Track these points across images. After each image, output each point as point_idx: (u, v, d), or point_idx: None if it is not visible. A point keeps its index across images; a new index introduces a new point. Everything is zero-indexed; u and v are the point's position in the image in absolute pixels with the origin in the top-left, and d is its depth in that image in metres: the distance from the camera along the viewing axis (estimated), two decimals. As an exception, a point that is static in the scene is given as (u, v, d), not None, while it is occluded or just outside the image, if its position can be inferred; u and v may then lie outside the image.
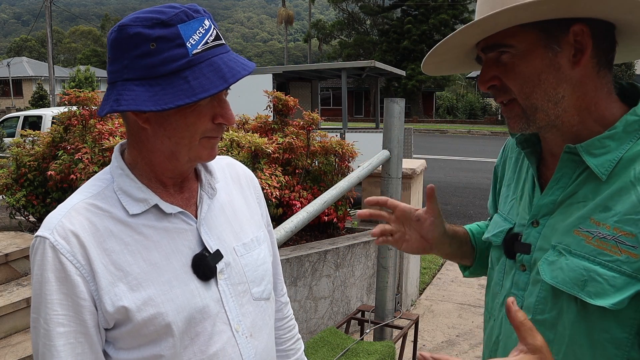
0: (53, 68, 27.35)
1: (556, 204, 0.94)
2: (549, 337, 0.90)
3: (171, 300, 0.91)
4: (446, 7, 33.17)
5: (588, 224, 0.87)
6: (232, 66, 0.88)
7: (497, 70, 0.92)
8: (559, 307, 0.89)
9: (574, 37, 0.86)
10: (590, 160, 0.88)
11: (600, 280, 0.83)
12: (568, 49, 0.86)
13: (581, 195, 0.90)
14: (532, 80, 0.88)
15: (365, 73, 10.19)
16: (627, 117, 0.87)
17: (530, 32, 0.87)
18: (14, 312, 3.17)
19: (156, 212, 0.95)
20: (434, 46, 0.96)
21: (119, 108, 0.85)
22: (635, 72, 21.96)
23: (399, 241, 1.15)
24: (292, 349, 1.27)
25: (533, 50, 0.87)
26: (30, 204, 4.58)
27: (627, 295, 0.80)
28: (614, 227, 0.83)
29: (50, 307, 0.85)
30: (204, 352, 0.94)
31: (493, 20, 0.84)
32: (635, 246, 0.80)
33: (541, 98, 0.89)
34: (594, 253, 0.85)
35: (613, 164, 0.86)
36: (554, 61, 0.87)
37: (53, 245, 0.86)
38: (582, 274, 0.85)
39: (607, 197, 0.86)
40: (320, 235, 4.52)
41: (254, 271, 1.04)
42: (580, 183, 0.90)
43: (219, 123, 0.93)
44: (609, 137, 0.87)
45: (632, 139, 0.87)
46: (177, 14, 0.85)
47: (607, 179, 0.86)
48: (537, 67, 0.87)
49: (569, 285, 0.86)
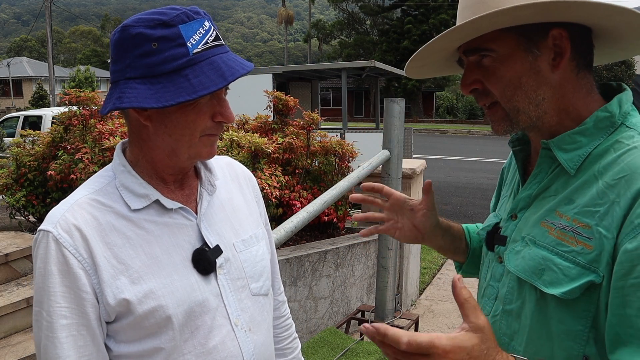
0: (53, 68, 27.37)
1: (532, 197, 0.97)
2: (515, 328, 0.94)
3: (172, 293, 0.93)
4: (446, 7, 33.18)
5: (553, 216, 0.90)
6: (231, 65, 0.90)
7: (478, 74, 0.94)
8: (523, 297, 0.93)
9: (552, 41, 0.88)
10: (561, 155, 0.90)
11: (556, 269, 0.85)
12: (547, 52, 0.89)
13: (553, 189, 0.93)
14: (513, 84, 0.90)
15: (365, 73, 10.20)
16: (598, 114, 0.89)
17: (511, 36, 0.89)
18: (14, 312, 3.18)
19: (157, 207, 0.97)
20: (416, 51, 0.99)
21: (122, 105, 0.87)
22: (635, 72, 21.98)
23: (391, 229, 1.18)
24: (289, 347, 1.28)
25: (513, 54, 0.89)
26: (30, 204, 4.58)
27: (578, 285, 0.82)
28: (573, 218, 0.86)
29: (53, 299, 0.87)
30: (204, 345, 0.96)
31: (473, 25, 0.86)
32: (591, 237, 0.82)
33: (522, 100, 0.91)
34: (553, 243, 0.88)
35: (582, 158, 0.89)
36: (534, 65, 0.89)
37: (56, 239, 0.88)
38: (540, 262, 0.88)
39: (572, 190, 0.89)
40: (320, 235, 4.52)
41: (253, 267, 1.06)
42: (553, 177, 0.93)
43: (219, 121, 0.95)
44: (579, 132, 0.90)
45: (603, 135, 0.89)
46: (179, 15, 0.88)
47: (575, 174, 0.89)
48: (518, 70, 0.89)
49: (527, 274, 0.90)
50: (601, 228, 0.81)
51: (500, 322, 0.98)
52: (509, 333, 0.96)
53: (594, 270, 0.81)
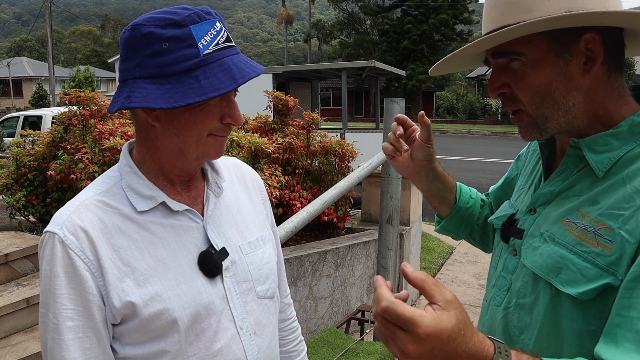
0: (53, 68, 27.35)
1: (554, 194, 0.95)
2: (526, 322, 0.93)
3: (177, 296, 0.92)
4: (446, 7, 33.15)
5: (575, 215, 0.88)
6: (241, 67, 0.89)
7: (507, 77, 0.91)
8: (537, 293, 0.91)
9: (585, 45, 0.85)
10: (591, 155, 0.89)
11: (574, 269, 0.84)
12: (579, 57, 0.86)
13: (577, 188, 0.91)
14: (542, 90, 0.88)
15: (365, 73, 10.19)
16: (634, 118, 0.87)
17: (542, 40, 0.86)
18: (14, 312, 3.18)
19: (163, 209, 0.96)
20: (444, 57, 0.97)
21: (130, 105, 0.86)
22: (635, 72, 21.97)
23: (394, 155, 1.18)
24: (295, 350, 1.27)
25: (544, 59, 0.87)
26: (30, 204, 4.58)
27: (595, 287, 0.81)
28: (596, 219, 0.84)
29: (59, 301, 0.87)
30: (209, 348, 0.95)
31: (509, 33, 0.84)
32: (612, 240, 0.81)
33: (551, 107, 0.89)
34: (573, 243, 0.86)
35: (612, 162, 0.87)
36: (565, 70, 0.86)
37: (62, 241, 0.87)
38: (558, 261, 0.87)
39: (598, 192, 0.87)
40: (320, 235, 4.52)
41: (259, 269, 1.06)
42: (579, 177, 0.92)
43: (227, 123, 0.94)
44: (613, 135, 0.88)
45: (636, 140, 0.86)
46: (190, 15, 0.87)
47: (603, 176, 0.87)
48: (548, 76, 0.87)
49: (544, 271, 0.89)
50: (623, 232, 0.80)
51: (512, 314, 0.97)
52: (519, 326, 0.95)
53: (613, 273, 0.80)
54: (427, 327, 0.61)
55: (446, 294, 0.66)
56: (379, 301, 0.63)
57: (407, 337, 0.62)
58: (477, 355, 0.66)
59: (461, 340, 0.64)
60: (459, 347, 0.64)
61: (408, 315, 0.61)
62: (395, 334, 0.63)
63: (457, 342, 0.64)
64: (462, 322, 0.65)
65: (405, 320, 0.61)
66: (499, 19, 0.89)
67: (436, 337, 0.62)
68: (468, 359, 0.65)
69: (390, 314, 0.62)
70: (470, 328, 0.66)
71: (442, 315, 0.63)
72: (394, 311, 0.62)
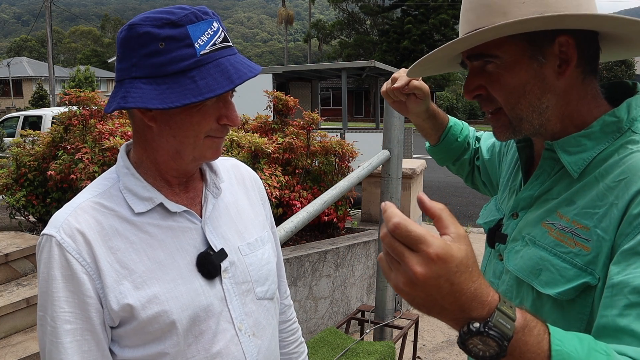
0: (53, 68, 27.36)
1: (533, 198, 0.97)
2: None
3: (176, 298, 0.92)
4: (446, 7, 33.18)
5: (554, 216, 0.89)
6: (238, 68, 0.89)
7: (482, 79, 0.92)
8: (521, 296, 0.93)
9: (559, 48, 0.86)
10: (565, 157, 0.90)
11: (553, 270, 0.85)
12: (553, 60, 0.87)
13: (555, 191, 0.92)
14: (517, 92, 0.89)
15: (365, 73, 10.20)
16: (605, 118, 0.88)
17: (517, 43, 0.87)
18: (14, 312, 3.18)
19: (161, 210, 0.95)
20: (419, 59, 1.00)
21: (126, 105, 0.85)
22: (635, 72, 21.98)
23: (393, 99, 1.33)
24: (295, 352, 1.27)
25: (518, 62, 0.87)
26: (30, 204, 4.57)
27: (573, 286, 0.82)
28: (572, 219, 0.85)
29: (57, 304, 0.86)
30: (208, 350, 0.95)
31: (479, 37, 0.85)
32: (589, 239, 0.82)
33: (526, 109, 0.90)
34: (552, 244, 0.87)
35: (586, 162, 0.88)
36: (539, 72, 0.87)
37: (59, 243, 0.87)
38: (538, 263, 0.88)
39: (574, 192, 0.88)
40: (320, 235, 4.52)
41: (258, 271, 1.05)
42: (557, 179, 0.93)
43: (224, 124, 0.94)
44: (585, 135, 0.88)
45: (609, 140, 0.87)
46: (187, 15, 0.86)
47: (579, 177, 0.88)
48: (523, 78, 0.88)
49: (525, 274, 0.90)
50: (599, 230, 0.81)
51: None
52: None
53: (590, 272, 0.81)
54: (438, 247, 0.58)
55: (460, 229, 0.62)
56: (390, 219, 0.59)
57: (416, 258, 0.58)
58: (481, 297, 0.61)
59: (468, 275, 0.60)
60: (464, 282, 0.60)
61: (420, 232, 0.58)
62: (403, 255, 0.59)
63: (464, 277, 0.60)
64: (471, 259, 0.61)
65: (415, 238, 0.58)
66: (474, 22, 0.89)
67: (445, 262, 0.58)
68: (472, 298, 0.61)
69: (402, 229, 0.58)
70: (477, 269, 0.62)
71: (453, 244, 0.60)
72: (405, 227, 0.58)
